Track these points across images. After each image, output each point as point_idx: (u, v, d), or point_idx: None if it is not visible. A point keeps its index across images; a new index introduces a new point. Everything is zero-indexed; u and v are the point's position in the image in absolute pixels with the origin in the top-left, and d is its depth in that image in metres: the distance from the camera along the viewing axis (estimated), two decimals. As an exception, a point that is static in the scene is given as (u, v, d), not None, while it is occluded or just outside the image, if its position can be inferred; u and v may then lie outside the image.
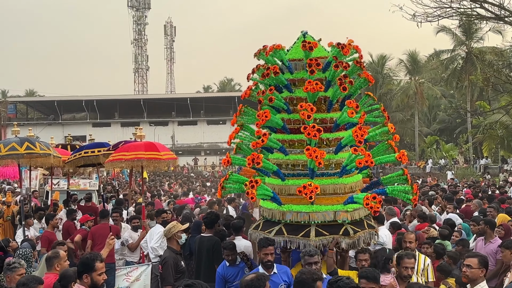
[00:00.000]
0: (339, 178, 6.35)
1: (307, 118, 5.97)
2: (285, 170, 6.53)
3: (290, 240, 6.19)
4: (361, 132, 5.95)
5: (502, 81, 19.98)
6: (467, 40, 43.68)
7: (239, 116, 7.12)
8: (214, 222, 8.10)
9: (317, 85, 6.05)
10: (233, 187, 6.80)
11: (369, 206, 5.90)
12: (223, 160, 6.81)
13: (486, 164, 40.23)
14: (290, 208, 6.27)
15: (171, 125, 66.40)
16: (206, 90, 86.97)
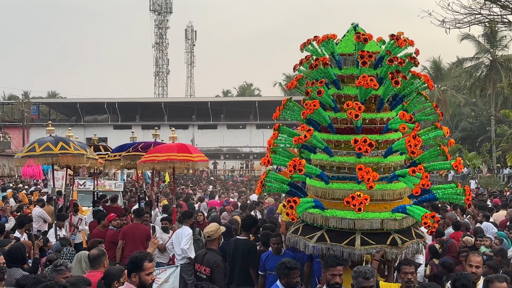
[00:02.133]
0: (388, 183, 5.96)
1: (355, 117, 5.59)
2: (329, 173, 6.15)
3: (333, 248, 5.83)
4: (415, 142, 5.49)
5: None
6: (492, 47, 43.16)
7: (283, 110, 6.66)
8: (252, 226, 8.11)
9: (371, 81, 5.59)
10: (273, 186, 6.50)
11: (427, 225, 5.53)
12: (263, 159, 6.39)
13: (510, 173, 39.57)
14: (334, 214, 5.92)
15: (191, 129, 66.56)
16: (225, 95, 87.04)
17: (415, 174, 5.57)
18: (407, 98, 6.30)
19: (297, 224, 6.49)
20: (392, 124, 5.88)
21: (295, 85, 6.65)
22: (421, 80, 6.15)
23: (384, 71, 5.90)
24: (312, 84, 6.04)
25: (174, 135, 10.86)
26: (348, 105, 5.62)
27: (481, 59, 44.61)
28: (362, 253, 5.74)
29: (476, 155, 45.88)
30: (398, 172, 5.85)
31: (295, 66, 6.60)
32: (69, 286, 4.95)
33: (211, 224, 7.71)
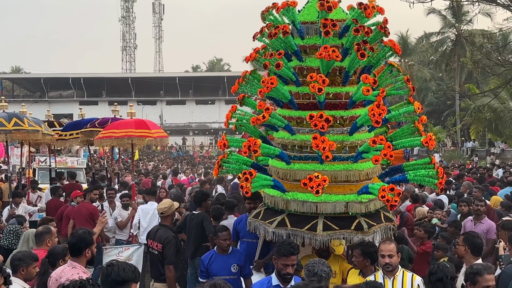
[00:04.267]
0: (353, 163, 5.47)
1: (318, 91, 5.08)
2: (291, 152, 5.70)
3: (294, 233, 5.41)
4: (379, 111, 5.02)
5: (491, 64, 19.99)
6: (457, 22, 43.58)
7: (242, 83, 6.08)
8: (202, 200, 8.10)
9: (333, 52, 5.07)
10: (232, 167, 6.05)
11: (385, 199, 5.06)
12: (219, 142, 6.02)
13: (473, 147, 40.47)
14: (295, 197, 5.49)
15: (159, 104, 65.84)
16: (194, 70, 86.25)
17: (376, 145, 5.11)
18: (374, 69, 5.75)
19: (258, 208, 6.16)
20: (356, 94, 5.32)
21: (253, 57, 6.02)
22: (387, 47, 5.63)
23: (349, 41, 5.37)
24: (270, 56, 5.49)
25: (133, 110, 10.70)
26: (312, 78, 5.12)
27: (446, 34, 45.07)
28: (324, 239, 5.29)
29: (441, 129, 46.71)
30: (361, 148, 5.37)
31: (255, 35, 6.05)
32: (16, 261, 4.86)
33: (165, 201, 7.64)
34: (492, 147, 39.49)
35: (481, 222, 8.15)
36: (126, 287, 3.85)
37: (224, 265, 6.30)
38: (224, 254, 6.38)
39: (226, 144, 5.92)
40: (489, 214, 8.93)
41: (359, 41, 5.29)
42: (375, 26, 5.60)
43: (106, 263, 3.98)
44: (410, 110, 5.72)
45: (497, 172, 21.34)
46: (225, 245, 6.35)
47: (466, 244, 5.75)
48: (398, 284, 5.15)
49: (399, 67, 6.20)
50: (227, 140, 5.93)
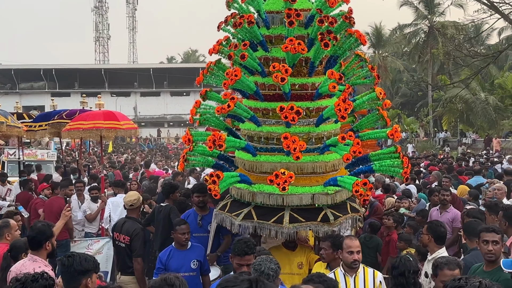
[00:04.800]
0: (319, 155, 5.44)
1: (281, 81, 5.01)
2: (257, 144, 5.62)
3: (260, 226, 5.35)
4: (345, 106, 4.98)
5: (463, 55, 20.26)
6: (430, 14, 44.05)
7: (207, 75, 5.96)
8: (170, 192, 8.06)
9: (299, 45, 5.01)
10: (198, 160, 5.99)
11: (358, 193, 5.01)
12: (183, 137, 5.91)
13: (445, 137, 41.12)
14: (261, 189, 5.41)
15: (134, 96, 65.22)
16: (169, 61, 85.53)
17: (345, 142, 5.13)
18: (340, 59, 5.77)
19: (225, 200, 6.05)
20: (322, 87, 5.28)
21: (217, 49, 5.84)
22: (353, 37, 5.56)
23: (314, 31, 5.30)
24: (235, 47, 5.41)
25: (101, 101, 10.51)
26: (274, 68, 5.05)
27: (419, 26, 45.52)
28: (290, 231, 5.26)
29: (414, 120, 47.33)
30: (329, 141, 5.36)
31: (219, 25, 5.91)
32: None
33: (131, 193, 7.54)
34: (464, 138, 40.19)
35: (446, 211, 8.26)
36: (88, 276, 3.95)
37: (183, 261, 6.04)
38: (183, 249, 6.10)
39: (190, 138, 5.77)
40: (455, 203, 9.06)
41: (323, 31, 5.23)
42: (340, 16, 5.56)
43: (64, 254, 4.02)
44: (373, 96, 5.71)
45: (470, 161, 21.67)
46: (183, 240, 6.07)
47: (429, 233, 5.81)
48: (360, 282, 5.06)
49: (366, 57, 6.17)
50: (191, 135, 5.79)
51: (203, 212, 7.00)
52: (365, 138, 5.85)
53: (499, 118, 38.58)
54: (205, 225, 6.84)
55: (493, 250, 4.90)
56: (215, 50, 5.86)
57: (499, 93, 37.58)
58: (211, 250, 6.61)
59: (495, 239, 4.91)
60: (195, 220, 6.86)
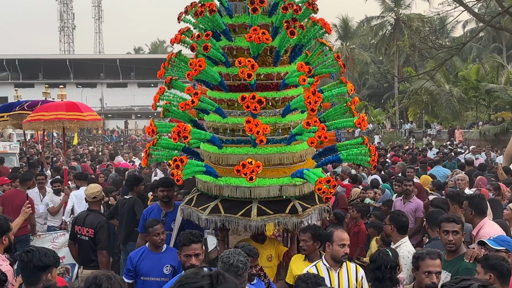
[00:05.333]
0: (286, 145, 5.36)
1: (248, 77, 4.89)
2: (223, 136, 5.47)
3: (228, 219, 5.21)
4: (315, 98, 4.91)
5: (428, 47, 20.53)
6: (396, 6, 44.57)
7: (168, 67, 5.74)
8: (134, 185, 7.94)
9: (263, 35, 4.89)
10: (161, 155, 5.77)
11: (321, 191, 4.87)
12: (146, 128, 5.62)
13: (411, 128, 41.76)
14: (228, 182, 5.30)
15: (100, 87, 64.23)
16: (137, 52, 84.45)
17: (310, 127, 4.96)
18: (305, 48, 5.66)
19: (191, 195, 5.88)
20: (290, 78, 5.20)
21: (179, 40, 5.68)
22: (318, 25, 5.46)
23: (279, 19, 5.16)
24: (197, 37, 5.20)
25: (63, 92, 10.24)
26: (240, 62, 4.89)
27: (386, 18, 46.03)
28: (259, 224, 5.12)
29: (381, 112, 47.93)
30: (295, 130, 5.25)
31: (180, 16, 5.68)
32: None
33: (94, 185, 7.40)
34: (429, 129, 40.89)
35: (409, 201, 8.38)
36: (48, 272, 3.85)
37: (156, 265, 5.52)
38: (157, 252, 5.61)
39: (154, 130, 5.54)
40: (420, 193, 9.21)
41: (288, 19, 5.10)
42: (303, 2, 5.41)
43: (23, 250, 3.89)
44: (343, 91, 5.68)
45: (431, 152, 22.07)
46: (158, 241, 5.56)
47: (392, 223, 5.88)
48: (344, 277, 4.88)
49: (330, 46, 6.12)
50: (155, 126, 5.55)
51: (168, 209, 6.57)
52: (332, 127, 5.77)
53: (462, 109, 39.39)
54: (168, 223, 6.40)
55: (453, 240, 4.95)
56: (177, 40, 5.71)
57: (463, 85, 38.35)
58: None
59: (455, 229, 4.97)
60: (158, 216, 6.46)
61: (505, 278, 4.09)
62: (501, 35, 46.29)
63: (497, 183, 9.34)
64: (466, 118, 41.30)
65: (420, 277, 4.36)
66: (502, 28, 21.13)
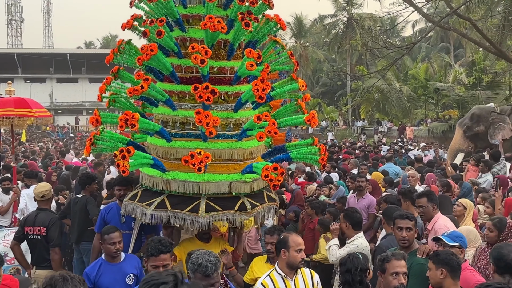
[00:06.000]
0: (237, 141, 5.32)
1: (201, 63, 4.76)
2: (172, 129, 5.35)
3: (175, 215, 5.06)
4: (263, 86, 4.86)
5: (379, 46, 20.96)
6: (348, 6, 45.27)
7: (117, 53, 5.52)
8: (87, 183, 7.76)
9: (218, 23, 4.80)
10: (106, 145, 5.50)
11: (268, 178, 4.83)
12: (90, 118, 5.40)
13: (363, 126, 42.59)
14: (176, 176, 5.16)
15: (49, 82, 62.41)
16: (88, 46, 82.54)
17: (261, 122, 4.96)
18: (259, 44, 5.62)
19: (135, 190, 5.68)
20: (241, 69, 5.11)
21: (131, 25, 5.47)
22: (273, 22, 5.41)
23: (234, 12, 5.11)
24: (151, 23, 5.03)
25: (11, 88, 9.89)
26: (194, 48, 4.80)
27: (339, 17, 46.70)
28: (207, 221, 4.99)
29: (334, 109, 48.67)
30: (246, 125, 5.24)
31: (132, 1, 5.53)
32: None
33: (43, 184, 7.21)
34: (380, 126, 41.83)
35: (363, 197, 8.55)
36: None
37: (117, 276, 5.11)
38: (115, 262, 5.17)
39: (99, 120, 5.34)
40: (375, 190, 9.39)
41: (244, 11, 5.09)
42: None
43: None
44: (294, 87, 5.67)
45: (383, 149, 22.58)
46: (113, 251, 5.12)
47: (346, 220, 6.01)
48: (300, 284, 4.68)
49: (283, 43, 6.09)
50: (100, 116, 5.35)
51: None
52: (282, 124, 5.76)
53: (412, 107, 40.45)
54: (129, 221, 6.11)
55: (407, 237, 5.11)
56: (129, 25, 5.51)
57: (413, 84, 39.37)
58: (133, 249, 6.06)
59: (409, 226, 5.12)
60: (117, 215, 6.18)
61: (456, 272, 4.25)
62: (449, 35, 47.82)
63: (446, 180, 9.65)
64: (415, 116, 42.45)
65: (387, 279, 4.36)
66: (450, 28, 21.81)
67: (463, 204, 7.16)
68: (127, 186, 6.30)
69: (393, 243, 5.65)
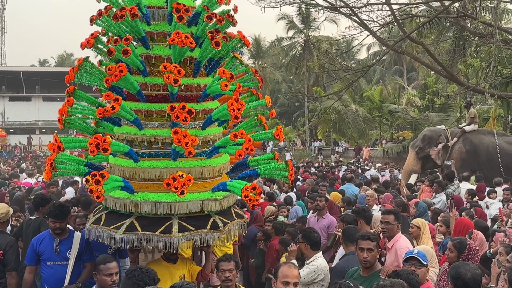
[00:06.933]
0: (207, 159, 5.30)
1: (174, 83, 4.73)
2: (138, 149, 5.23)
3: (146, 237, 4.94)
4: (238, 105, 4.94)
5: (335, 69, 21.41)
6: (305, 28, 46.09)
7: (78, 72, 5.33)
8: (41, 205, 7.53)
9: (186, 38, 4.80)
10: (68, 168, 5.24)
11: (247, 198, 4.88)
12: (49, 145, 5.16)
13: (320, 146, 43.10)
14: (145, 197, 5.03)
15: (1, 101, 60.67)
16: (42, 64, 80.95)
17: (237, 139, 5.02)
18: (223, 60, 5.62)
19: (98, 213, 5.47)
20: (212, 86, 5.14)
21: (92, 44, 5.30)
22: (237, 38, 5.46)
23: (201, 29, 5.15)
24: (115, 41, 4.94)
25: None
26: (166, 68, 4.74)
27: (296, 39, 47.44)
28: (180, 241, 4.93)
29: (291, 129, 49.11)
30: (218, 142, 5.25)
31: (92, 18, 5.38)
32: None
33: (1, 205, 6.99)
34: (337, 146, 42.43)
35: (323, 217, 8.65)
36: None
37: None
38: None
39: (61, 146, 5.09)
40: (331, 210, 9.51)
41: (211, 29, 5.10)
42: (224, 14, 5.39)
43: None
44: (261, 103, 5.75)
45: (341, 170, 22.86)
46: (109, 283, 4.83)
47: (305, 241, 6.06)
48: None
49: (242, 59, 6.14)
50: (61, 142, 5.10)
51: (62, 236, 6.00)
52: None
53: (367, 128, 41.27)
54: (63, 251, 5.91)
55: (368, 257, 5.19)
56: (90, 44, 5.30)
57: (368, 105, 40.25)
58: (70, 280, 5.87)
59: (370, 247, 5.21)
60: (50, 245, 5.92)
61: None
62: (402, 59, 49.24)
63: (401, 200, 9.86)
64: (371, 136, 43.32)
65: None
66: (404, 52, 22.51)
67: (416, 224, 7.31)
68: (63, 219, 5.98)
69: (349, 263, 5.72)
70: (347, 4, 17.84)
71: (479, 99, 31.79)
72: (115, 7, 5.27)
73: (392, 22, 18.88)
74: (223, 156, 5.53)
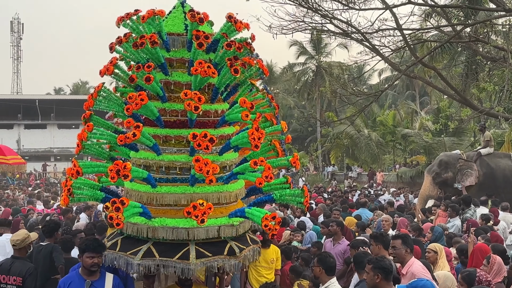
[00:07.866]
0: (224, 184, 5.26)
1: (195, 110, 4.76)
2: (156, 174, 5.21)
3: (164, 263, 4.88)
4: (259, 134, 4.95)
5: (347, 94, 21.50)
6: (317, 54, 46.41)
7: (97, 99, 5.39)
8: (54, 230, 7.61)
9: (209, 68, 4.84)
10: (84, 194, 5.22)
11: (267, 228, 4.85)
12: (68, 170, 5.13)
13: (333, 171, 42.99)
14: (163, 223, 4.98)
15: (17, 128, 61.49)
16: (57, 92, 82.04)
17: (257, 167, 4.97)
18: (241, 87, 5.69)
19: (113, 238, 5.34)
20: (231, 114, 5.20)
21: (111, 71, 5.32)
22: (255, 66, 5.49)
23: (220, 56, 5.18)
24: (137, 68, 5.00)
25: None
26: (187, 95, 4.78)
27: (308, 65, 47.75)
28: (198, 268, 4.86)
29: (304, 154, 49.07)
30: (237, 169, 5.25)
31: (112, 45, 5.44)
32: None
33: (19, 232, 7.10)
34: (350, 171, 42.27)
35: (339, 243, 8.61)
36: None
37: None
38: None
39: (80, 171, 5.04)
40: (345, 235, 9.47)
41: (230, 56, 5.12)
42: (242, 42, 5.39)
43: None
44: (277, 129, 5.75)
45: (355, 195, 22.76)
46: None
47: (320, 265, 6.04)
48: None
49: (256, 85, 6.20)
50: (80, 167, 5.05)
51: (93, 278, 5.47)
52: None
53: (380, 153, 41.13)
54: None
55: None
56: (109, 71, 5.31)
57: (381, 130, 40.21)
58: None
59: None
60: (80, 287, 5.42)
61: None
62: (414, 83, 49.33)
63: (417, 224, 9.81)
64: (384, 161, 43.14)
65: None
66: (416, 76, 22.53)
67: (433, 249, 7.27)
68: (100, 252, 5.39)
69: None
70: (358, 30, 17.99)
71: (493, 123, 31.59)
72: (135, 33, 5.35)
73: (403, 47, 18.98)
74: (239, 182, 5.52)
